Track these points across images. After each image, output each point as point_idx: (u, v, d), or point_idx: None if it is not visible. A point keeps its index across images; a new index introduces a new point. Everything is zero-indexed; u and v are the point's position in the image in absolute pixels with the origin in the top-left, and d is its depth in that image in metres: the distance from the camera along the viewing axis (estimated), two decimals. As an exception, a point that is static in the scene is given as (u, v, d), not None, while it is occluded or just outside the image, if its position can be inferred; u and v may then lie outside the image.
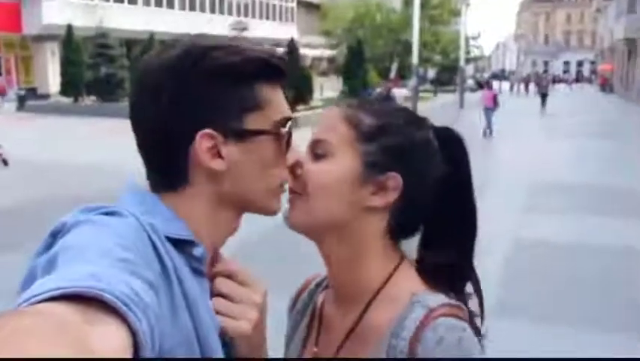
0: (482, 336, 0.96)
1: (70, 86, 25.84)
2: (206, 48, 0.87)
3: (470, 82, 55.73)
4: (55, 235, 0.74)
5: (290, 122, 0.93)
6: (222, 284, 0.90)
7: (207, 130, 0.85)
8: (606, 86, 55.17)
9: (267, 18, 45.55)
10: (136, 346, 0.56)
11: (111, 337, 0.54)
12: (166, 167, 0.88)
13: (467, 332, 0.87)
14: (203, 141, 0.85)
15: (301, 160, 0.97)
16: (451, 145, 1.03)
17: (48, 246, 0.72)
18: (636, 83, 39.60)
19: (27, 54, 30.38)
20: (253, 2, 44.06)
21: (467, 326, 0.89)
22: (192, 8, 38.55)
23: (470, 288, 1.04)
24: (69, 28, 25.64)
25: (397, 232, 1.01)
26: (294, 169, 0.96)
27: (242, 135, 0.87)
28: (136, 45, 28.08)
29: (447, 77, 50.42)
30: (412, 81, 21.87)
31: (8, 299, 0.63)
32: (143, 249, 0.75)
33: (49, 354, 0.45)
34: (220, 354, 0.85)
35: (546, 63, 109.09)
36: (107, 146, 15.04)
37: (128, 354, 0.55)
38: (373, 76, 31.65)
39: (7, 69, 29.26)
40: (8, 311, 0.51)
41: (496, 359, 1.17)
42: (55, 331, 0.48)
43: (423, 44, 30.55)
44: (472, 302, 1.03)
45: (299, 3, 48.51)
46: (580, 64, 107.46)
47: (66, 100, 26.21)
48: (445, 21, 45.77)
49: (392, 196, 0.97)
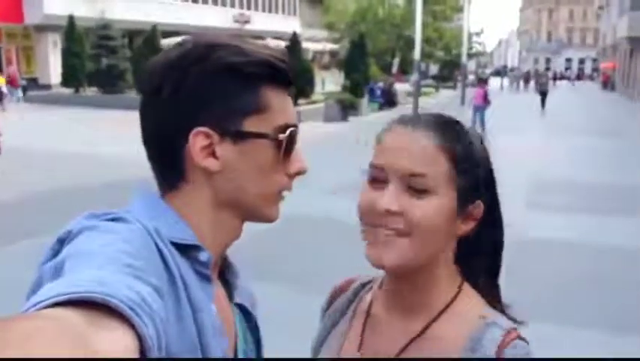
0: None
1: (71, 77, 25.82)
2: (210, 46, 0.86)
3: (472, 78, 55.76)
4: (61, 242, 0.73)
5: (292, 129, 0.90)
6: None
7: (202, 128, 0.85)
8: (608, 84, 55.14)
9: (270, 11, 45.46)
10: (142, 351, 0.56)
11: (117, 341, 0.54)
12: (165, 164, 0.88)
13: (530, 349, 0.98)
14: (197, 139, 0.85)
15: (304, 166, 0.93)
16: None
17: (55, 253, 0.72)
18: (638, 81, 39.54)
19: (28, 44, 30.33)
20: (256, -5, 44.00)
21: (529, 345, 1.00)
22: (195, 0, 38.48)
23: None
24: (71, 18, 25.59)
25: (463, 254, 1.04)
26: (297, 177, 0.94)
27: (239, 137, 0.86)
28: (138, 36, 28.02)
29: (449, 73, 50.33)
30: (414, 76, 21.79)
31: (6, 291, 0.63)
32: (149, 255, 0.75)
33: (54, 355, 0.45)
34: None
35: (548, 60, 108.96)
36: (108, 137, 15.04)
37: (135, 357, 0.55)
38: (375, 70, 31.55)
39: (8, 59, 29.20)
40: (14, 315, 0.51)
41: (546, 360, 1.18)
42: (60, 334, 0.48)
43: (425, 40, 30.48)
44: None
45: (302, -4, 48.45)
46: (582, 61, 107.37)
47: (67, 91, 26.19)
48: (448, 17, 45.74)
49: (475, 223, 1.01)
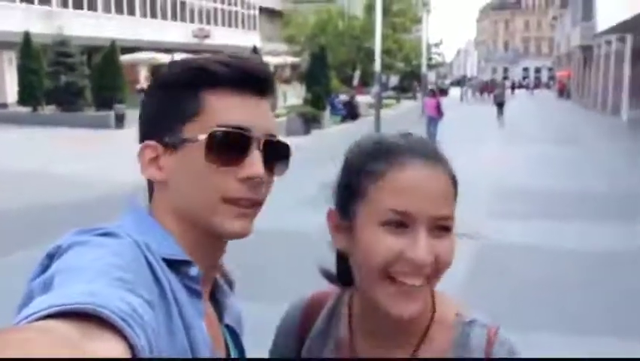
0: None
1: (28, 95, 25.24)
2: (169, 64, 0.90)
3: (432, 88, 56.47)
4: (50, 258, 0.73)
5: (221, 129, 0.84)
6: None
7: (148, 142, 0.87)
8: (564, 92, 56.49)
9: (230, 25, 45.39)
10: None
11: (110, 351, 0.54)
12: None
13: (511, 339, 1.01)
14: (145, 152, 0.88)
15: (254, 171, 0.85)
16: None
17: (44, 269, 0.71)
18: (592, 89, 40.57)
19: (-17, 62, 29.66)
20: (215, 10, 43.87)
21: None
22: (154, 15, 38.18)
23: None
24: (27, 35, 25.09)
25: None
26: (248, 182, 0.86)
27: (175, 144, 0.86)
28: (97, 53, 27.63)
29: (409, 84, 50.90)
30: (375, 88, 21.95)
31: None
32: (140, 268, 0.74)
33: (49, 356, 0.44)
34: None
35: (506, 69, 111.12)
36: (68, 156, 14.77)
37: None
38: (336, 83, 31.78)
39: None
40: (6, 328, 0.50)
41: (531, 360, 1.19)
42: (53, 344, 0.47)
43: (385, 51, 30.79)
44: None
45: (261, 10, 48.48)
46: (538, 70, 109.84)
47: (24, 109, 25.64)
48: (407, 28, 46.29)
49: None
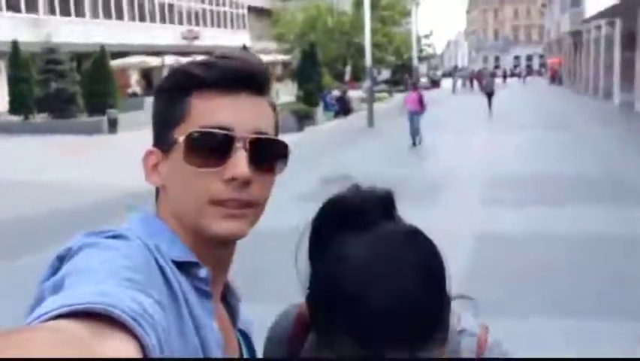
0: None
1: (19, 104, 25.15)
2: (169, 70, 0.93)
3: (424, 80, 56.49)
4: (61, 260, 0.73)
5: (197, 130, 0.84)
6: None
7: (151, 148, 0.91)
8: (556, 78, 56.60)
9: (219, 26, 45.29)
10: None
11: (120, 349, 0.54)
12: None
13: (502, 343, 0.99)
14: (148, 158, 0.90)
15: (237, 172, 0.83)
16: None
17: (54, 271, 0.72)
18: (583, 75, 40.66)
19: (-29, 73, 29.52)
20: (204, 11, 43.77)
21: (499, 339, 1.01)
22: (142, 19, 38.06)
23: None
24: (15, 44, 24.97)
25: None
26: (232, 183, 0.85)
27: (167, 149, 0.88)
28: (86, 59, 27.53)
29: (401, 77, 50.86)
30: (366, 83, 21.94)
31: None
32: (150, 270, 0.75)
33: (59, 355, 0.45)
34: None
35: (497, 58, 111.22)
36: (62, 163, 14.74)
37: None
38: (328, 79, 31.73)
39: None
40: (16, 328, 0.50)
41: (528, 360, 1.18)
42: (63, 344, 0.48)
43: (375, 45, 30.77)
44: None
45: (250, 9, 48.38)
46: (529, 58, 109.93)
47: (15, 118, 25.54)
48: (397, 21, 46.27)
49: None
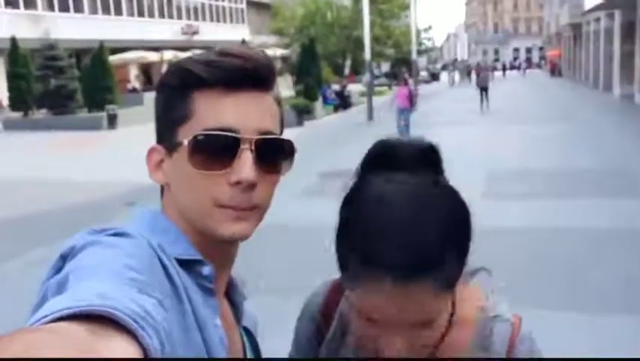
0: None
1: (18, 101, 25.19)
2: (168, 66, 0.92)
3: (424, 74, 56.48)
4: (64, 258, 0.73)
5: (202, 132, 0.83)
6: None
7: (154, 145, 0.90)
8: (555, 71, 56.57)
9: (218, 21, 45.22)
10: None
11: (121, 351, 0.53)
12: None
13: (534, 338, 0.98)
14: (152, 155, 0.90)
15: (241, 176, 0.82)
16: None
17: (57, 269, 0.72)
18: (583, 67, 40.61)
19: (-29, 69, 29.49)
20: (203, 5, 43.69)
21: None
22: (141, 14, 38.00)
23: None
24: (13, 40, 24.95)
25: None
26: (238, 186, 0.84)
27: (172, 148, 0.87)
28: (86, 55, 27.52)
29: (399, 70, 50.83)
30: (366, 77, 21.92)
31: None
32: (153, 269, 0.75)
33: (59, 356, 0.45)
34: None
35: (496, 51, 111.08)
36: (62, 159, 14.74)
37: None
38: (327, 73, 31.74)
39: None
40: (18, 330, 0.50)
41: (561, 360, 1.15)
42: (65, 345, 0.48)
43: (375, 39, 30.76)
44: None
45: (249, 4, 48.30)
46: (529, 50, 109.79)
47: (15, 115, 25.55)
48: (396, 15, 46.16)
49: None
